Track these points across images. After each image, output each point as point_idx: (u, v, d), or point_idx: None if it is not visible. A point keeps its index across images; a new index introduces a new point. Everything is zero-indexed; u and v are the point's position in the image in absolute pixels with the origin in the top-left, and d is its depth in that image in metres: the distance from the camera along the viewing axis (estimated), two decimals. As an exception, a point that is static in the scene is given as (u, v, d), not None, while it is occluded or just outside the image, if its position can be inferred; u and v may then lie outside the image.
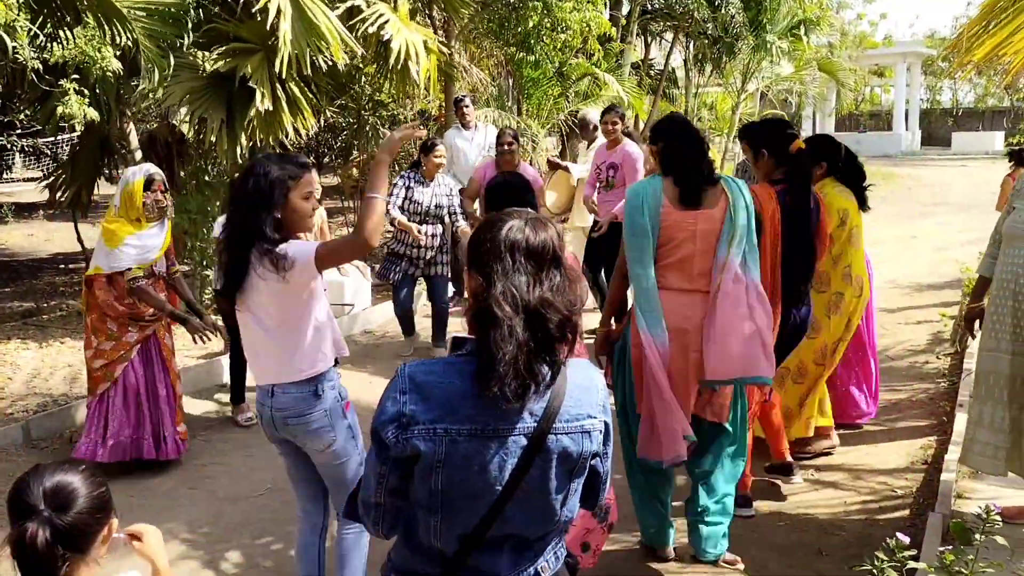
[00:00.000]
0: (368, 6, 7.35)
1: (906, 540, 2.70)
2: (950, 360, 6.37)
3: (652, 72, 15.60)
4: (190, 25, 6.21)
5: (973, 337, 4.35)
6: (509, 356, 1.64)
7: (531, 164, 11.78)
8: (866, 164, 4.99)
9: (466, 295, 1.83)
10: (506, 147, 6.75)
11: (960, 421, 4.53)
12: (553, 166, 7.96)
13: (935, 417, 5.33)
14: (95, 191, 8.75)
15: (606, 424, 1.83)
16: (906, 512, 4.17)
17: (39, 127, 11.27)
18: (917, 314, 7.85)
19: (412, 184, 6.64)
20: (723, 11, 13.50)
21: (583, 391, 1.79)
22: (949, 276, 9.22)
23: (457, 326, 6.97)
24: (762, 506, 4.22)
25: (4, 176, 16.13)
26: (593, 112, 8.49)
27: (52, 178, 8.81)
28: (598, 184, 7.07)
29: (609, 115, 7.09)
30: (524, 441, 1.71)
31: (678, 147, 3.43)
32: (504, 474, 1.71)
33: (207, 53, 6.57)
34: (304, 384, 2.92)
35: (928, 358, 6.53)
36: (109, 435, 4.63)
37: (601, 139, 8.11)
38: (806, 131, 27.87)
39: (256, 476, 4.79)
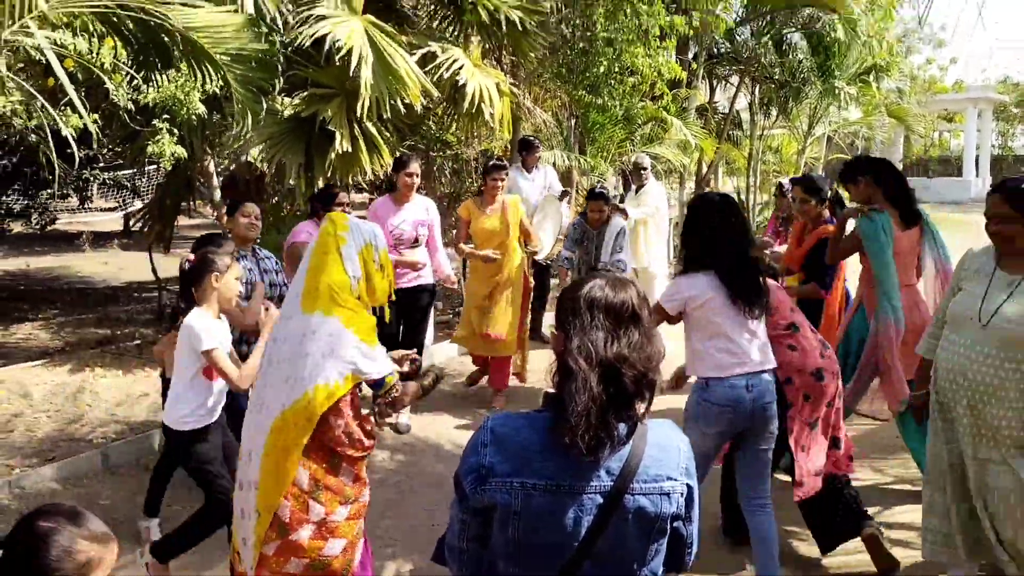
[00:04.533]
0: (443, 52, 7.54)
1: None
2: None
3: (717, 115, 15.59)
4: (280, 70, 6.43)
5: (920, 423, 4.00)
6: (582, 408, 1.69)
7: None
8: (935, 210, 5.06)
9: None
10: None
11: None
12: (613, 209, 8.00)
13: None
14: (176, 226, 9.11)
15: (689, 487, 1.83)
16: None
17: (123, 162, 11.72)
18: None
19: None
20: (790, 56, 13.46)
21: (663, 451, 1.81)
22: None
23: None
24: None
25: (83, 206, 16.78)
26: (646, 158, 8.55)
27: (138, 214, 9.21)
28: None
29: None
30: (600, 499, 1.74)
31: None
32: (580, 530, 1.74)
33: (287, 98, 6.81)
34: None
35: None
36: None
37: (652, 182, 8.17)
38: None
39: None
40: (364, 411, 3.15)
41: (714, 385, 3.47)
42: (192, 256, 3.90)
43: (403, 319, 6.20)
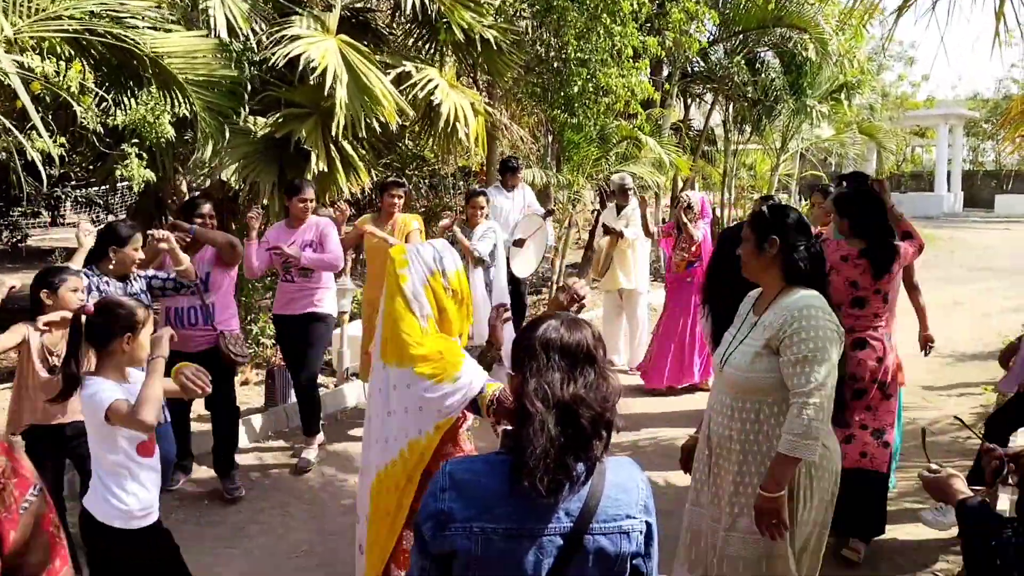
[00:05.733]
0: (418, 71, 7.57)
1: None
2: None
3: (691, 133, 15.74)
4: (246, 97, 6.42)
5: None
6: (540, 450, 1.69)
7: (571, 222, 11.94)
8: None
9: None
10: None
11: (1003, 501, 4.46)
12: (608, 231, 8.05)
13: (977, 494, 5.22)
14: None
15: (648, 525, 1.84)
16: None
17: (94, 180, 11.64)
18: (961, 385, 7.74)
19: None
20: (763, 75, 13.62)
21: (622, 491, 1.81)
22: (993, 346, 9.07)
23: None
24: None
25: (56, 222, 16.65)
26: (628, 178, 8.61)
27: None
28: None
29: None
30: (560, 541, 1.74)
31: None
32: (541, 573, 1.74)
33: (260, 119, 6.80)
34: None
35: (971, 433, 6.42)
36: None
37: (634, 203, 8.21)
38: (846, 190, 27.76)
39: (293, 537, 4.83)
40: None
41: None
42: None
43: (296, 348, 5.88)
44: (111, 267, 4.45)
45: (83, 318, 3.02)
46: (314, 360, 5.92)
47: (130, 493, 2.97)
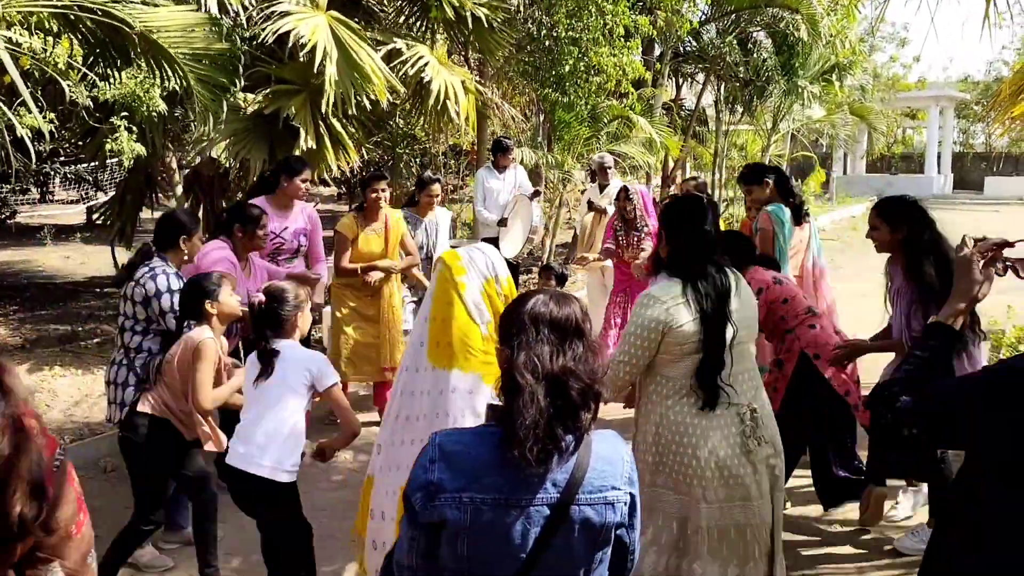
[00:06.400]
0: (408, 48, 7.55)
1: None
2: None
3: (683, 112, 15.72)
4: (241, 70, 6.39)
5: None
6: (530, 421, 1.72)
7: (561, 202, 11.96)
8: None
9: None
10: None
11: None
12: (592, 208, 8.06)
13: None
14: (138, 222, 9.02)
15: (632, 496, 1.87)
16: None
17: (84, 157, 11.60)
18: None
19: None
20: (755, 55, 13.60)
21: (607, 463, 1.84)
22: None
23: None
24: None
25: (45, 199, 16.57)
26: (608, 157, 8.60)
27: (100, 207, 9.13)
28: None
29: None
30: (547, 511, 1.77)
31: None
32: (528, 542, 1.77)
33: (250, 95, 6.77)
34: None
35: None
36: None
37: (616, 181, 8.20)
38: (836, 173, 27.85)
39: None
40: None
41: None
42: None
43: None
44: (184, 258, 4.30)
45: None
46: None
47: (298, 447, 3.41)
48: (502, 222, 8.06)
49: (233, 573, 4.20)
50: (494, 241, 8.44)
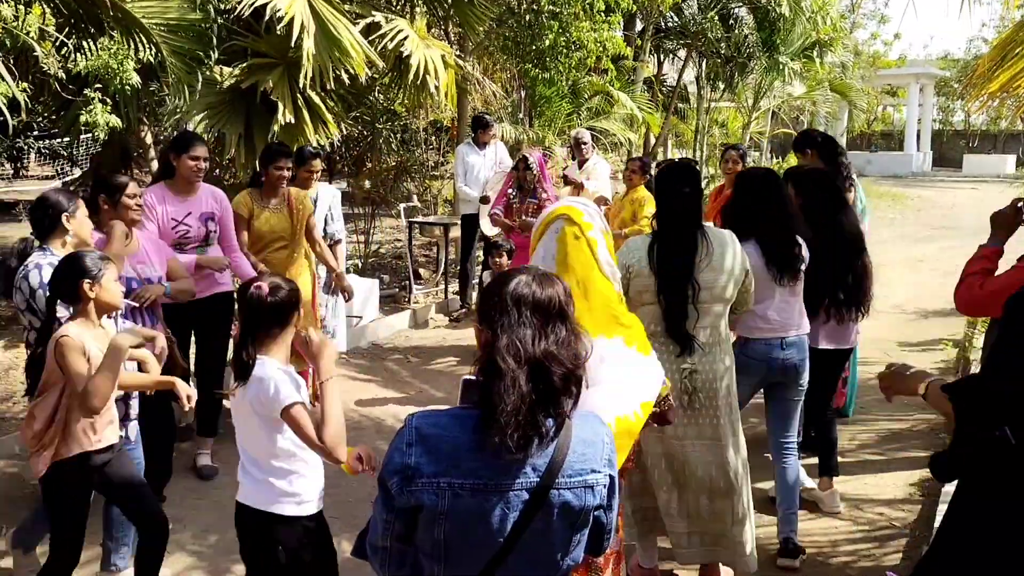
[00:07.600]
0: (387, 22, 7.45)
1: (893, 578, 2.75)
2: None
3: (664, 88, 15.69)
4: (215, 42, 6.29)
5: None
6: (511, 407, 1.68)
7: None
8: (876, 184, 5.25)
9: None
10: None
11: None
12: (569, 182, 8.04)
13: (936, 447, 5.37)
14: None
15: (611, 478, 1.85)
16: (903, 543, 4.22)
17: (58, 131, 11.42)
18: (922, 340, 7.90)
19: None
20: (736, 31, 13.59)
21: (588, 446, 1.81)
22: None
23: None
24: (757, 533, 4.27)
25: (19, 174, 16.32)
26: (586, 132, 8.58)
27: (75, 183, 8.96)
28: None
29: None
30: (526, 496, 1.74)
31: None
32: (506, 527, 1.75)
33: (227, 69, 6.67)
34: None
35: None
36: None
37: (595, 157, 8.18)
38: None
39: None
40: None
41: (752, 344, 3.93)
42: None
43: (197, 336, 5.05)
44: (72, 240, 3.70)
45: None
46: (226, 346, 5.04)
47: (300, 475, 2.83)
48: (483, 199, 8.03)
49: (209, 549, 4.20)
50: (475, 218, 8.43)
